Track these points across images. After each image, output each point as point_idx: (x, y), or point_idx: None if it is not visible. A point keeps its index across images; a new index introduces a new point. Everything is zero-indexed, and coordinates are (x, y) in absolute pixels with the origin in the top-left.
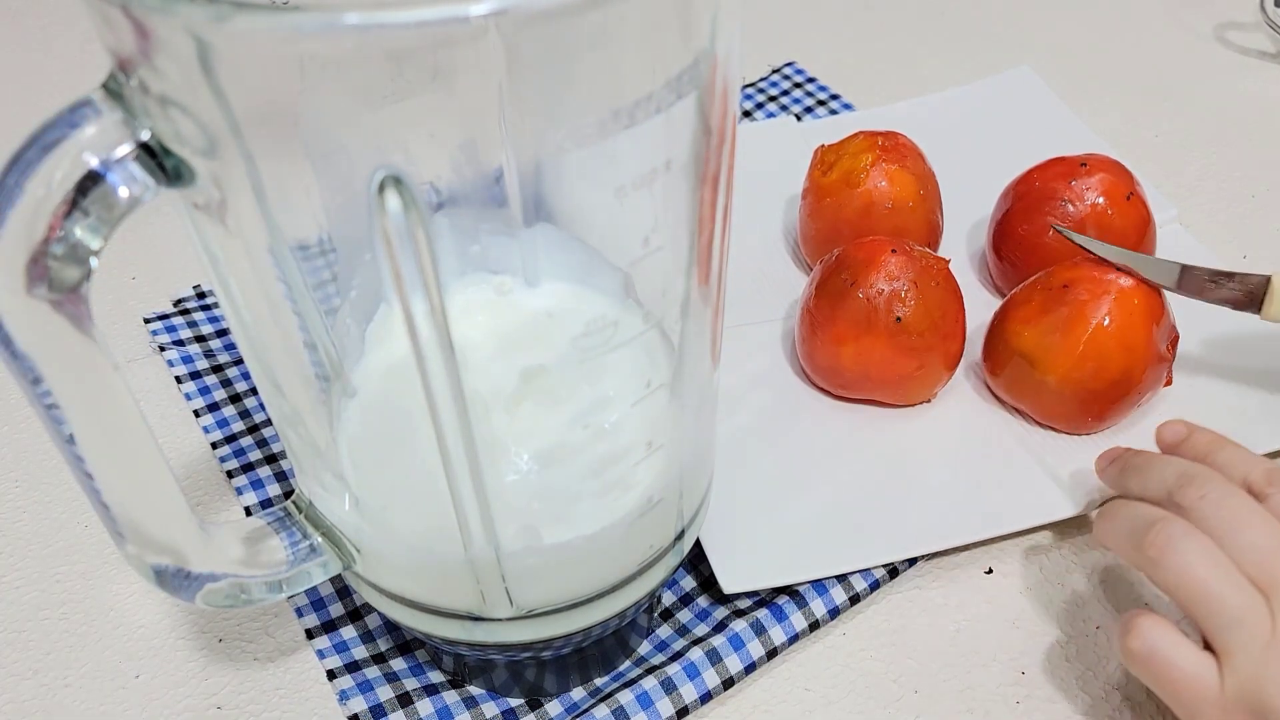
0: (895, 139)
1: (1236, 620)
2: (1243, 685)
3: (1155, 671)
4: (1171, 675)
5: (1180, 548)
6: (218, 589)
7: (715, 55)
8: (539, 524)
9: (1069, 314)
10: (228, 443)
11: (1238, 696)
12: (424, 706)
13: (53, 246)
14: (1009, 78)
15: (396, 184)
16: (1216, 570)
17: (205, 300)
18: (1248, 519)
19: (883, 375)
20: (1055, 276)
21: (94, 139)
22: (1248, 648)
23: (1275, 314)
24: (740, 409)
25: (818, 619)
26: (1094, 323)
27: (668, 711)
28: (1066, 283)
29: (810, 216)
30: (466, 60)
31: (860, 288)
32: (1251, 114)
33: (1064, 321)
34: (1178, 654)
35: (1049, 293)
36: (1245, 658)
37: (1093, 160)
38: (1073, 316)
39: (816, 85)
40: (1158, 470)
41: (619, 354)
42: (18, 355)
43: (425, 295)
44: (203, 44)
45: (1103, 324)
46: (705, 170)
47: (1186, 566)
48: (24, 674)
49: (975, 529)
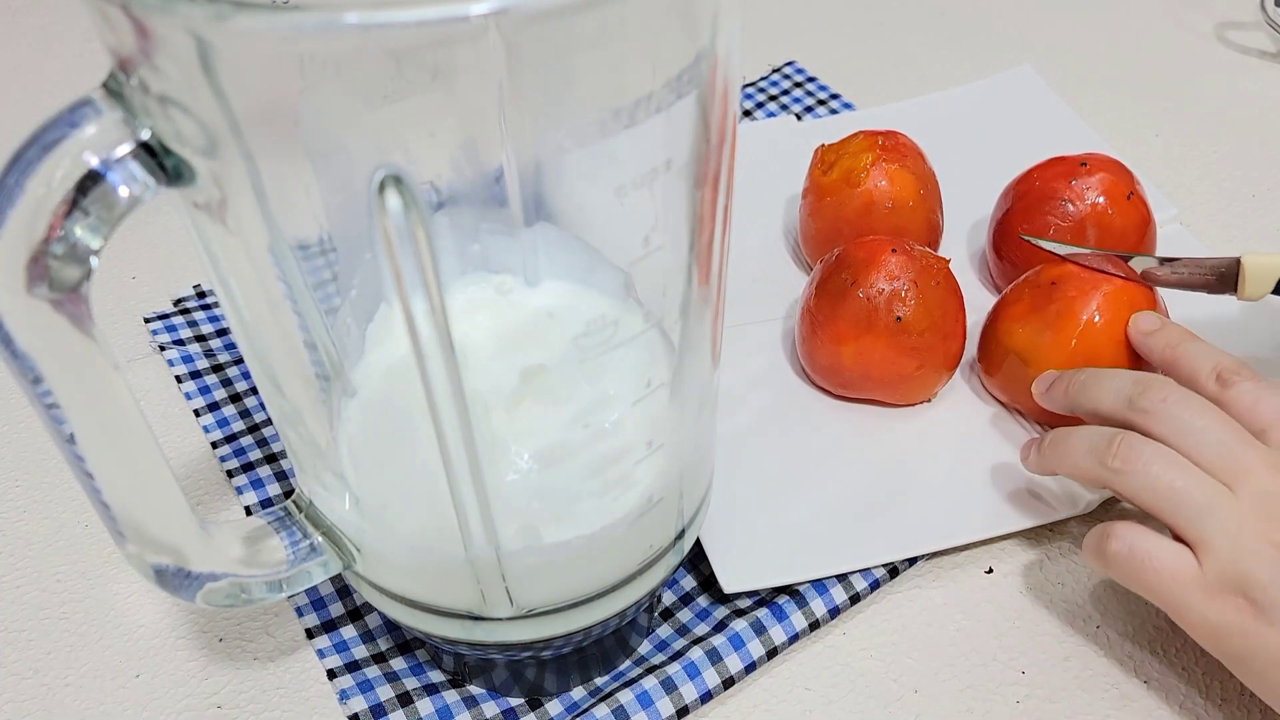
0: (895, 138)
1: (1206, 510)
2: (1221, 567)
3: (1137, 569)
4: (1154, 568)
5: (1145, 454)
6: (218, 588)
7: (715, 54)
8: (539, 523)
9: (1059, 311)
10: (228, 442)
11: (1218, 577)
12: (424, 706)
13: (53, 246)
14: (1009, 77)
15: (397, 183)
16: (1181, 468)
17: (205, 300)
18: (1210, 417)
19: (883, 375)
20: (1044, 274)
21: (94, 138)
22: (1220, 532)
23: (1251, 293)
24: (740, 408)
25: (818, 618)
26: (1084, 319)
27: (668, 711)
28: (1055, 280)
29: (810, 216)
30: (467, 59)
31: (860, 287)
32: (1252, 113)
33: (1054, 319)
34: (1156, 548)
35: (1038, 290)
36: (1220, 540)
37: (1093, 160)
38: (1063, 314)
39: (817, 84)
40: (1110, 381)
41: (619, 353)
42: (18, 355)
43: (425, 294)
44: (203, 43)
45: (1093, 320)
46: (705, 170)
47: (1152, 470)
48: (24, 673)
49: (975, 529)
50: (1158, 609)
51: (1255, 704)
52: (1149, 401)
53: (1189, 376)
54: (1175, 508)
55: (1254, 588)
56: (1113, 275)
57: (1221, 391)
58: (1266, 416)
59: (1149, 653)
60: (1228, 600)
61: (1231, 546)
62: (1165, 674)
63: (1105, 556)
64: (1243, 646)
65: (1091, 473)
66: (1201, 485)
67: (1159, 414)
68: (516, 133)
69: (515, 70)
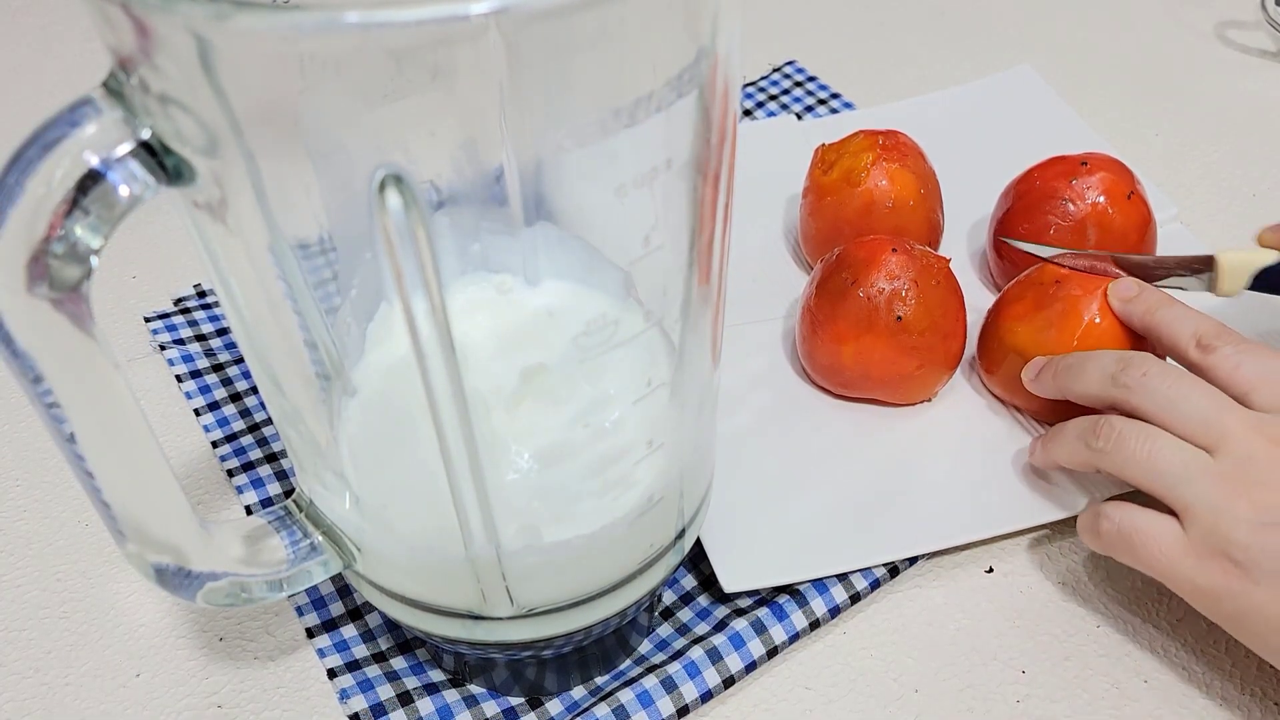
0: (896, 138)
1: (1185, 478)
2: (1204, 532)
3: (1128, 544)
4: (1142, 541)
5: (1127, 431)
6: (218, 588)
7: (716, 54)
8: (539, 523)
9: (1062, 310)
10: (228, 441)
11: (1203, 541)
12: (424, 705)
13: (53, 245)
14: (1009, 76)
15: (397, 182)
16: (1159, 440)
17: (206, 299)
18: (1189, 387)
19: (883, 374)
20: (1047, 272)
21: (94, 138)
22: (1201, 498)
23: (1227, 289)
24: (741, 408)
25: (818, 618)
26: (1086, 319)
27: (668, 710)
28: (1059, 278)
29: (811, 215)
30: (467, 59)
31: (861, 287)
32: (1252, 112)
33: (1057, 318)
34: (1144, 521)
35: (1041, 289)
36: (1202, 507)
37: (1093, 159)
38: (1066, 312)
39: (817, 84)
40: (1094, 361)
41: (619, 353)
42: (18, 354)
43: (426, 294)
44: (203, 42)
45: (1094, 320)
46: (706, 169)
47: (1130, 445)
48: (25, 672)
49: (976, 528)
50: (1158, 609)
51: (1255, 703)
52: (1130, 377)
53: (1170, 343)
54: (1157, 478)
55: (1236, 549)
56: (1107, 275)
57: (1203, 357)
58: (1248, 380)
59: (1149, 653)
60: (1214, 564)
61: (1212, 511)
62: (1165, 674)
63: (1099, 536)
64: (1233, 607)
65: (1081, 456)
66: (1180, 453)
67: (1140, 389)
68: (517, 132)
69: (515, 69)
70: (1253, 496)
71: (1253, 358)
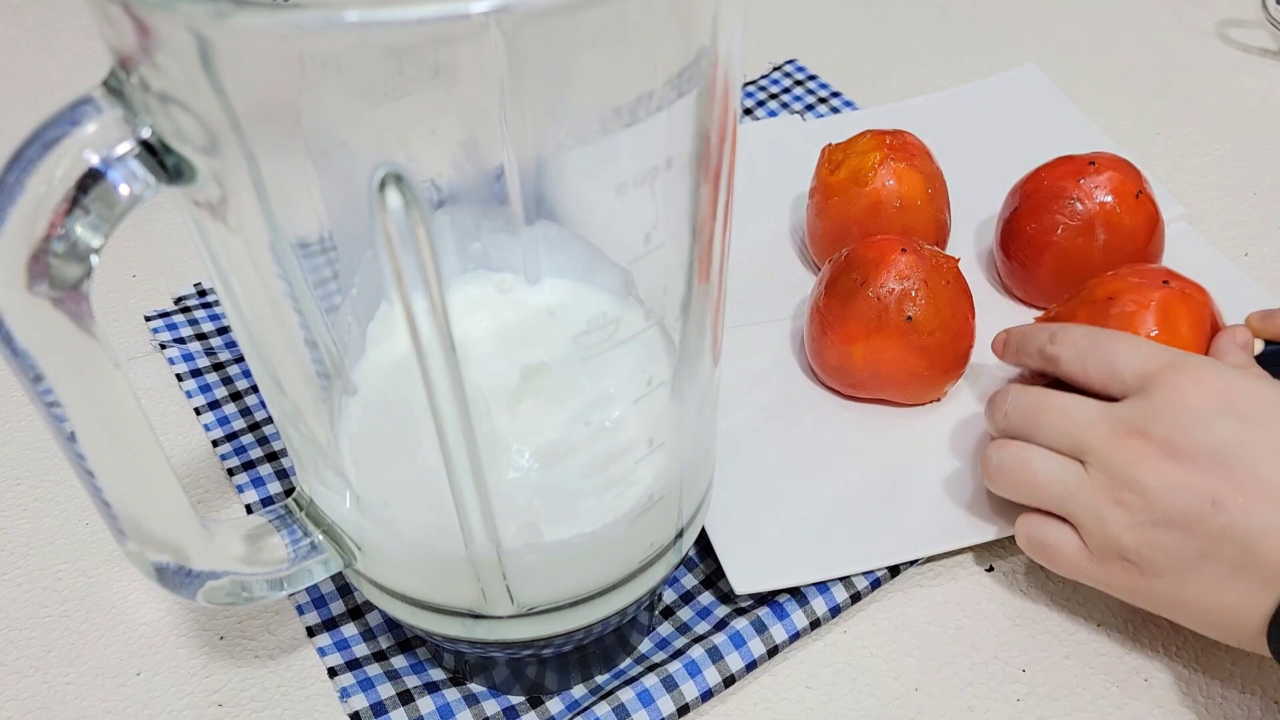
0: (903, 137)
1: (1065, 495)
2: (1096, 541)
3: (1045, 554)
4: (1054, 553)
5: (1001, 464)
6: (219, 586)
7: (716, 52)
8: (540, 521)
9: (1119, 327)
10: (228, 440)
11: (1099, 549)
12: (425, 704)
13: (53, 244)
14: (1014, 76)
15: (397, 181)
16: (1037, 463)
17: (206, 298)
18: (1045, 406)
19: (893, 374)
20: (1098, 290)
21: (95, 136)
22: (1083, 509)
23: None
24: (749, 409)
25: (819, 617)
26: (1143, 333)
27: (669, 709)
28: (1111, 295)
29: (818, 215)
30: (467, 57)
31: (871, 287)
32: (1253, 111)
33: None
34: (1052, 534)
35: (1094, 306)
36: (1088, 518)
37: (1101, 159)
38: (1125, 329)
39: (818, 83)
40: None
41: (620, 351)
42: (18, 353)
43: (426, 292)
44: (204, 41)
45: (1152, 334)
46: (706, 168)
47: (1008, 471)
48: (26, 671)
49: (985, 529)
50: None
51: (1255, 702)
52: (995, 420)
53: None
54: (1045, 499)
55: (1127, 553)
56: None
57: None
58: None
59: (1149, 652)
60: (1114, 566)
61: (1097, 522)
62: (1165, 673)
63: (1028, 550)
64: (1148, 601)
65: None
66: (1055, 472)
67: (1008, 420)
68: (517, 130)
69: (516, 68)
70: (1124, 500)
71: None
